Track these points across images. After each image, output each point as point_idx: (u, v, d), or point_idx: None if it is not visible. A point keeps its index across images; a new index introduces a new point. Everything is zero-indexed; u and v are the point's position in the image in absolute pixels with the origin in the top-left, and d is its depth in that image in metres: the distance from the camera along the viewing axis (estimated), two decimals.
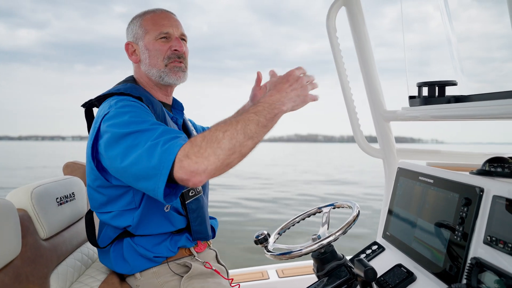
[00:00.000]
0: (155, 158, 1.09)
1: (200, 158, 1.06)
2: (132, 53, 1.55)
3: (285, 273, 2.56)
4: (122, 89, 1.43)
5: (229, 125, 1.12)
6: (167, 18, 1.51)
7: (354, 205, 1.59)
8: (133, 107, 1.31)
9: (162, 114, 1.45)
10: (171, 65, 1.49)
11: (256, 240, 1.56)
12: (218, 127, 1.12)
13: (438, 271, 1.33)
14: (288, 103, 1.22)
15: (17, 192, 1.42)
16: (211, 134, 1.09)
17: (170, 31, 1.49)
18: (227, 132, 1.10)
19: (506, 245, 1.06)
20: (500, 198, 1.13)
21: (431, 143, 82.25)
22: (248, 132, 1.12)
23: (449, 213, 1.34)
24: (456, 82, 1.63)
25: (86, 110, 1.49)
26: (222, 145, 1.08)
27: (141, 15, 1.53)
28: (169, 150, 1.09)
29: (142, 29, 1.50)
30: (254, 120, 1.14)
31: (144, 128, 1.19)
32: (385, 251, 1.75)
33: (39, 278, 1.33)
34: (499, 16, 1.76)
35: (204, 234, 1.55)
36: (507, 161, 1.30)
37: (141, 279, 1.46)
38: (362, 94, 2.05)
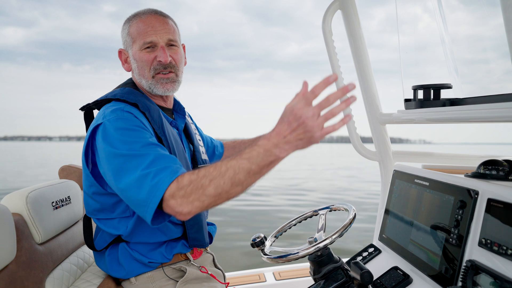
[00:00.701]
0: (144, 192, 1.12)
1: (184, 202, 1.09)
2: (125, 61, 1.53)
3: (282, 276, 2.56)
4: (118, 94, 1.42)
5: (217, 172, 1.09)
6: (151, 24, 1.44)
7: (351, 208, 1.59)
8: (126, 121, 1.29)
9: (159, 120, 1.42)
10: (158, 77, 1.46)
11: (252, 243, 1.56)
12: (207, 172, 1.10)
13: (434, 274, 1.33)
14: (287, 149, 1.06)
15: (12, 197, 1.41)
16: (198, 180, 1.09)
17: (154, 39, 1.43)
18: (213, 180, 1.08)
19: (500, 247, 1.06)
20: (494, 201, 1.14)
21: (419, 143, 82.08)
22: (237, 181, 1.08)
23: (445, 215, 1.34)
24: (451, 85, 1.64)
25: (85, 113, 1.48)
26: (207, 192, 1.08)
27: (129, 19, 1.49)
28: (157, 186, 1.11)
29: (130, 37, 1.47)
30: (245, 168, 1.07)
31: (134, 153, 1.20)
32: (381, 254, 1.75)
33: (35, 283, 1.32)
34: (492, 18, 1.78)
35: (201, 242, 1.54)
36: (501, 164, 1.30)
37: (136, 283, 1.46)
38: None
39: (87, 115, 1.48)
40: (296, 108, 1.03)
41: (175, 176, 1.12)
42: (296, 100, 1.03)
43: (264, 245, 1.58)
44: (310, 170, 25.74)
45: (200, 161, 1.62)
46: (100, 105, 1.44)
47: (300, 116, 1.02)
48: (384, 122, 1.97)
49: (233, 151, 1.94)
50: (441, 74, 1.93)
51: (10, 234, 1.24)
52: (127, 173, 1.18)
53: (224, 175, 1.08)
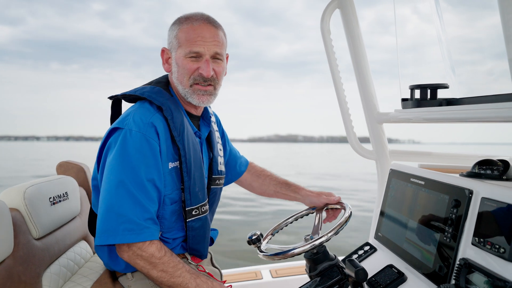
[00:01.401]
0: (115, 225, 1.26)
1: (134, 258, 1.28)
2: (166, 60, 1.50)
3: (278, 273, 2.58)
4: (147, 93, 1.41)
5: (172, 270, 1.29)
6: (202, 34, 1.40)
7: (347, 206, 1.60)
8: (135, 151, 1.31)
9: (181, 127, 1.40)
10: (196, 87, 1.44)
11: (249, 241, 1.56)
12: (168, 260, 1.29)
13: (428, 272, 1.34)
14: None
15: (10, 192, 1.41)
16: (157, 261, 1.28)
17: (201, 50, 1.40)
18: (163, 272, 1.29)
19: (493, 246, 1.07)
20: (488, 200, 1.15)
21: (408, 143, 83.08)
22: (173, 284, 1.29)
23: (439, 214, 1.35)
24: (448, 85, 1.65)
25: (113, 102, 1.49)
26: (151, 273, 1.29)
27: (180, 22, 1.45)
28: (127, 234, 1.26)
29: (177, 40, 1.43)
30: (185, 283, 1.29)
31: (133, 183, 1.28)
32: (376, 252, 1.76)
33: (32, 278, 1.33)
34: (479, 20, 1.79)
35: (200, 253, 1.53)
36: (496, 164, 1.32)
37: (132, 279, 1.46)
38: (351, 95, 2.07)
39: (114, 105, 1.49)
40: None
41: (149, 239, 1.28)
42: None
43: (261, 242, 1.59)
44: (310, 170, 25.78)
45: (216, 171, 1.62)
46: (128, 99, 1.48)
47: None
48: (382, 121, 1.98)
49: (255, 178, 1.95)
50: (435, 74, 1.94)
51: (7, 229, 1.25)
52: (114, 198, 1.28)
53: (172, 276, 1.29)
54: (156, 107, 1.40)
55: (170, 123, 1.38)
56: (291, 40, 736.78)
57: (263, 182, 1.89)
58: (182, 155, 1.39)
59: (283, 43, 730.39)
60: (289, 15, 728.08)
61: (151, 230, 1.29)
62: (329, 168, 27.67)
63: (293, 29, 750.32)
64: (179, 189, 1.41)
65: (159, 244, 1.30)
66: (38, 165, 26.70)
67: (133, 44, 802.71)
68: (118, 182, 1.27)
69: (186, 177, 1.39)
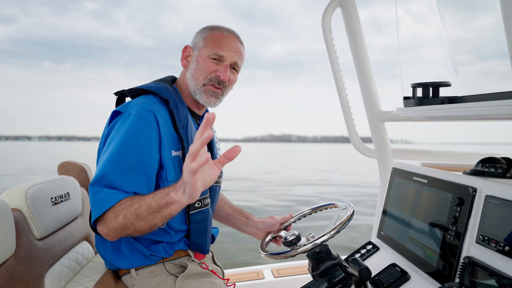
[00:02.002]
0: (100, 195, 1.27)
1: (103, 223, 1.26)
2: (185, 57, 1.56)
3: (281, 273, 2.57)
4: (153, 87, 1.47)
5: (128, 203, 1.23)
6: (229, 42, 1.51)
7: (349, 205, 1.60)
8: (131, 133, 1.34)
9: (185, 121, 1.46)
10: (208, 87, 1.50)
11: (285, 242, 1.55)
12: (125, 201, 1.24)
13: (432, 271, 1.34)
14: (177, 192, 1.11)
15: (12, 192, 1.41)
16: (116, 206, 1.24)
17: (225, 55, 1.49)
18: (124, 209, 1.22)
19: (498, 244, 1.07)
20: (492, 198, 1.14)
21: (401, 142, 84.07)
22: (139, 214, 1.20)
23: (443, 213, 1.35)
24: (450, 83, 1.64)
25: (118, 98, 1.54)
26: (118, 220, 1.22)
27: (212, 28, 1.54)
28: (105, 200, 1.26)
29: (204, 41, 1.51)
30: (147, 203, 1.19)
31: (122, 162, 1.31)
32: (379, 251, 1.76)
33: (34, 278, 1.32)
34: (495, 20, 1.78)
35: (202, 248, 1.54)
36: (499, 162, 1.31)
37: (136, 278, 1.46)
38: (352, 94, 2.07)
39: (119, 101, 1.54)
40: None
41: (112, 204, 1.25)
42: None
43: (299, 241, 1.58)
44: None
45: None
46: (134, 95, 1.50)
47: (184, 162, 1.06)
48: (383, 120, 1.98)
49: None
50: (436, 73, 1.94)
51: (9, 229, 1.25)
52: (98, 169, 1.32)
53: (132, 206, 1.21)
54: (161, 99, 1.45)
55: (175, 115, 1.43)
56: (286, 40, 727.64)
57: (218, 204, 1.88)
58: (185, 146, 1.43)
59: (277, 43, 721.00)
60: (284, 15, 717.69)
61: (113, 194, 1.27)
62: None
63: (287, 29, 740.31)
64: None
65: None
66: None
67: (127, 43, 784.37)
68: (109, 160, 1.30)
69: None
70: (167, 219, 1.21)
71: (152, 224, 1.21)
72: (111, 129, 1.39)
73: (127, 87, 1.54)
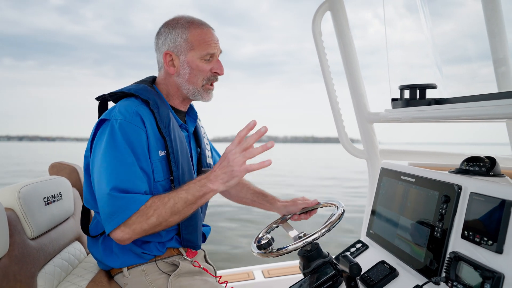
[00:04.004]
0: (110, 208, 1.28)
1: (127, 229, 1.28)
2: (170, 64, 1.53)
3: (271, 274, 2.60)
4: (133, 89, 1.47)
5: (160, 203, 1.29)
6: (212, 37, 1.52)
7: (340, 204, 1.63)
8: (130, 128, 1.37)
9: (167, 120, 1.46)
10: (207, 87, 1.54)
11: (259, 245, 1.57)
12: (152, 202, 1.29)
13: (420, 267, 1.37)
14: (216, 181, 1.29)
15: (4, 191, 1.41)
16: (144, 210, 1.28)
17: (215, 52, 1.52)
18: (157, 210, 1.28)
19: (482, 239, 1.11)
20: (476, 194, 1.19)
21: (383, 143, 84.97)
22: (176, 210, 1.29)
23: (430, 210, 1.39)
24: (436, 85, 1.69)
25: (100, 103, 1.54)
26: (150, 221, 1.28)
27: (187, 26, 1.51)
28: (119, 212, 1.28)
29: (188, 44, 1.49)
30: (183, 198, 1.29)
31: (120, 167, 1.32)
32: (368, 249, 1.79)
33: (27, 277, 1.32)
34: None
35: (194, 244, 1.56)
36: (483, 160, 1.36)
37: (129, 277, 1.47)
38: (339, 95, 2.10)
39: (101, 106, 1.53)
40: (226, 148, 1.31)
41: (137, 208, 1.28)
42: (230, 144, 1.31)
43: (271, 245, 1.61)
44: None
45: (205, 164, 1.69)
46: (115, 98, 1.51)
47: (226, 154, 1.29)
48: (372, 121, 2.02)
49: None
50: (423, 75, 1.99)
51: (2, 228, 1.25)
52: (102, 182, 1.31)
53: (166, 205, 1.29)
54: (142, 101, 1.46)
55: (157, 115, 1.44)
56: (257, 40, 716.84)
57: (241, 189, 1.92)
58: (169, 145, 1.44)
59: (248, 43, 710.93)
60: (255, 16, 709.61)
61: (135, 200, 1.30)
62: None
63: (258, 29, 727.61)
64: (169, 179, 1.45)
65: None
66: None
67: (95, 41, 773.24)
68: (110, 173, 1.31)
69: (174, 167, 1.45)
70: (199, 207, 1.33)
71: (185, 216, 1.33)
72: (100, 137, 1.38)
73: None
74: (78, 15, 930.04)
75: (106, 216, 1.28)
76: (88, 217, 1.58)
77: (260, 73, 56.88)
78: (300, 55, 46.42)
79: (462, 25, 1.94)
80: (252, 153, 1.28)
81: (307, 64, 47.31)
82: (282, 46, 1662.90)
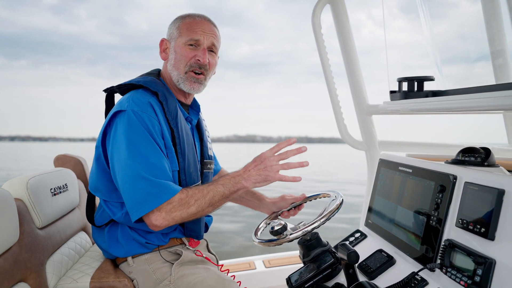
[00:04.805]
0: (140, 194, 1.32)
1: (167, 216, 1.33)
2: (164, 50, 1.60)
3: (271, 263, 2.65)
4: (142, 81, 1.50)
5: (201, 194, 1.37)
6: (202, 26, 1.55)
7: (338, 194, 1.67)
8: (149, 118, 1.41)
9: (175, 112, 1.50)
10: (190, 74, 1.55)
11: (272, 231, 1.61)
12: (193, 192, 1.37)
13: (416, 254, 1.42)
14: (249, 180, 1.39)
15: (13, 182, 1.46)
16: (186, 199, 1.35)
17: (201, 39, 1.53)
18: (198, 201, 1.36)
19: (475, 226, 1.15)
20: (470, 184, 1.22)
21: None
22: (213, 202, 1.39)
23: (426, 199, 1.43)
24: (434, 78, 1.72)
25: (107, 96, 1.57)
26: (190, 210, 1.35)
27: (183, 17, 1.59)
28: (155, 197, 1.33)
29: (178, 31, 1.55)
30: (220, 192, 1.39)
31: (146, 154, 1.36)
32: (367, 238, 1.84)
33: (37, 265, 1.37)
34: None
35: (196, 233, 1.61)
36: (478, 151, 1.39)
37: (133, 265, 1.52)
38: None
39: (108, 98, 1.57)
40: (263, 153, 1.41)
41: (173, 194, 1.34)
42: (267, 150, 1.41)
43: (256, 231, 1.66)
44: None
45: (207, 156, 1.72)
46: (123, 90, 1.54)
47: (264, 158, 1.40)
48: (371, 113, 2.05)
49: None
50: (421, 68, 2.02)
51: (13, 218, 1.29)
52: (133, 167, 1.34)
53: (206, 197, 1.37)
54: (151, 93, 1.49)
55: (165, 107, 1.48)
56: (252, 41, 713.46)
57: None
58: (176, 137, 1.48)
59: (244, 43, 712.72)
60: (250, 16, 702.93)
61: (172, 186, 1.36)
62: None
63: (254, 30, 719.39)
64: (176, 171, 1.49)
65: (180, 190, 1.38)
66: None
67: (88, 40, 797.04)
68: (139, 160, 1.35)
69: (181, 159, 1.49)
70: (230, 200, 1.46)
71: (217, 207, 1.42)
72: (119, 127, 1.40)
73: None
74: (72, 15, 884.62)
75: (137, 201, 1.32)
76: (93, 207, 1.62)
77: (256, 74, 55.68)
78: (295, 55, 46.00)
79: (460, 18, 1.96)
80: (289, 165, 1.40)
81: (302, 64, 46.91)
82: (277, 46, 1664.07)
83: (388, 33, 1.87)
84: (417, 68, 2.09)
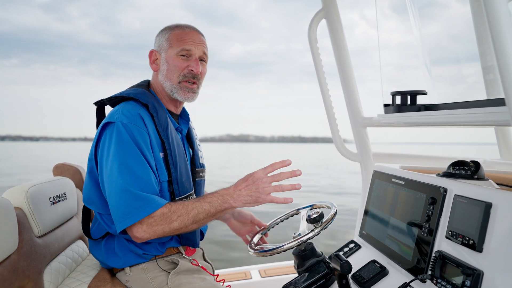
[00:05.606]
0: (124, 207, 1.34)
1: (148, 229, 1.34)
2: (153, 61, 1.63)
3: (267, 273, 2.66)
4: (132, 93, 1.53)
5: (185, 210, 1.36)
6: (192, 37, 1.58)
7: (332, 205, 1.70)
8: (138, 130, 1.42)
9: (165, 123, 1.53)
10: (184, 84, 1.58)
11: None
12: (177, 208, 1.36)
13: (408, 266, 1.45)
14: (239, 200, 1.37)
15: (13, 191, 1.48)
16: (169, 214, 1.35)
17: (192, 49, 1.57)
18: (181, 217, 1.35)
19: (464, 238, 1.18)
20: (460, 197, 1.26)
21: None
22: (197, 220, 1.37)
23: (418, 211, 1.46)
24: (426, 92, 1.77)
25: (98, 108, 1.59)
26: (172, 226, 1.35)
27: (172, 28, 1.61)
28: (138, 210, 1.33)
29: (168, 42, 1.58)
30: (206, 210, 1.37)
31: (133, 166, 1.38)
32: (361, 249, 1.86)
33: (35, 273, 1.39)
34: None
35: (192, 242, 1.63)
36: (468, 164, 1.43)
37: (130, 274, 1.54)
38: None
39: (99, 110, 1.59)
40: (256, 172, 1.37)
41: (156, 208, 1.35)
42: (259, 169, 1.37)
43: (251, 241, 1.69)
44: None
45: (198, 164, 1.75)
46: (114, 103, 1.56)
47: (257, 179, 1.36)
48: (365, 125, 2.09)
49: None
50: (414, 81, 2.06)
51: (12, 226, 1.31)
52: (118, 180, 1.36)
53: (190, 213, 1.36)
54: (141, 104, 1.51)
55: (155, 119, 1.50)
56: (245, 40, 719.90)
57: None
58: (167, 148, 1.51)
59: (237, 43, 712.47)
60: (243, 16, 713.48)
61: (155, 200, 1.37)
62: None
63: (247, 29, 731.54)
64: (167, 181, 1.51)
65: (164, 204, 1.39)
66: None
67: (81, 39, 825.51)
68: (125, 172, 1.36)
69: (172, 169, 1.51)
70: (216, 219, 1.44)
71: (202, 225, 1.41)
72: (107, 139, 1.43)
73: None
74: (64, 13, 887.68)
75: (121, 213, 1.33)
76: (89, 219, 1.64)
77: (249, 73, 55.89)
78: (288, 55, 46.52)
79: (450, 27, 2.01)
80: (281, 187, 1.36)
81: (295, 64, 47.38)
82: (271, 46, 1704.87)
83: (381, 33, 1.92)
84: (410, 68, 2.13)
